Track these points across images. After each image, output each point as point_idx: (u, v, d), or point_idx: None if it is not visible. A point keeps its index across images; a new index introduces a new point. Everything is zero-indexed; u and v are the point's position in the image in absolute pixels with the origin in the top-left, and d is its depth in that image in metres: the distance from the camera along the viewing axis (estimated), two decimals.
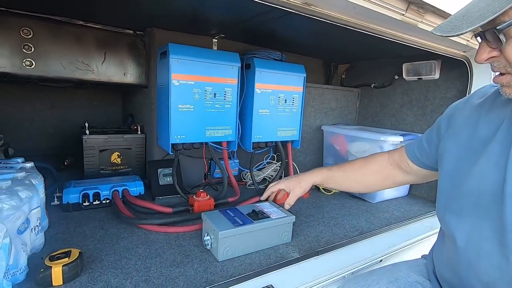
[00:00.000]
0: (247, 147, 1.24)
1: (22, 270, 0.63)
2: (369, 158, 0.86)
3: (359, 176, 0.85)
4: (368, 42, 1.20)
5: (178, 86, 1.01)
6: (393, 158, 0.81)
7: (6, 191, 0.64)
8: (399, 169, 0.81)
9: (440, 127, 0.68)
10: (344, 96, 1.66)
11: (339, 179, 0.87)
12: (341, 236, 0.95)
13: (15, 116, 1.58)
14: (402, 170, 0.80)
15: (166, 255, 0.78)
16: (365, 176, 0.85)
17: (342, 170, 0.87)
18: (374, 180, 0.85)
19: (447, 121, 0.66)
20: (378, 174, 0.83)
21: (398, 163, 0.80)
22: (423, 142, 0.72)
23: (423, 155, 0.73)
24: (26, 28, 1.02)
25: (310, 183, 0.88)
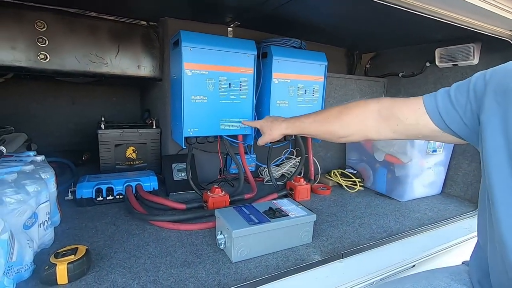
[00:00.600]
0: None
1: (27, 267, 0.60)
2: (351, 105, 0.71)
3: (335, 127, 0.73)
4: (397, 25, 1.10)
5: (191, 76, 0.96)
6: (390, 111, 0.64)
7: (12, 184, 0.62)
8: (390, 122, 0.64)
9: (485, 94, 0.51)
10: (368, 86, 1.54)
11: (314, 130, 0.78)
12: (367, 238, 0.87)
13: (39, 113, 1.61)
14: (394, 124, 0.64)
15: (177, 254, 0.73)
16: (343, 127, 0.72)
17: (317, 121, 0.77)
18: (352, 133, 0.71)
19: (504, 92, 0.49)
20: (360, 126, 0.69)
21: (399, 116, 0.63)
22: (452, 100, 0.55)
23: (452, 118, 0.56)
24: (40, 21, 1.01)
25: (280, 134, 0.88)
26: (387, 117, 0.64)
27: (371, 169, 1.31)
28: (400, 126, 0.63)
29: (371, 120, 0.67)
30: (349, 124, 0.70)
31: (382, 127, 0.66)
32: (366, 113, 0.68)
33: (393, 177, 1.20)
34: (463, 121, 0.54)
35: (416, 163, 1.16)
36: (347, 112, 0.71)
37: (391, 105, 0.65)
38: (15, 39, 0.99)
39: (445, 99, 0.56)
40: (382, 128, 0.66)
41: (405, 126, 0.62)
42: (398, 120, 0.63)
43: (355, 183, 1.29)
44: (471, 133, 0.55)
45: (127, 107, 1.84)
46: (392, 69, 1.57)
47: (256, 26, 1.24)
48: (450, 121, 0.56)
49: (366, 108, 0.68)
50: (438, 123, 0.57)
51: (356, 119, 0.69)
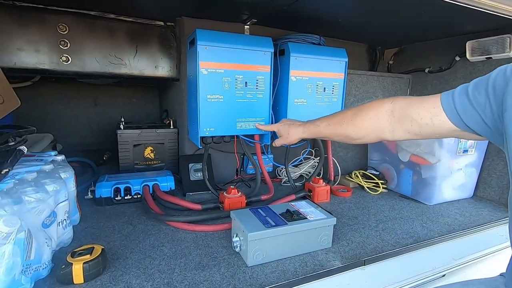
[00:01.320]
0: None
1: (45, 266, 0.61)
2: (364, 107, 0.70)
3: (349, 130, 0.72)
4: (424, 17, 1.03)
5: (207, 75, 0.95)
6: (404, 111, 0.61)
7: (32, 183, 0.63)
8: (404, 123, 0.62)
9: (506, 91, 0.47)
10: (392, 83, 1.47)
11: (329, 134, 0.78)
12: (392, 243, 0.81)
13: (64, 114, 1.67)
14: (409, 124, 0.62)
15: (192, 256, 0.72)
16: (356, 129, 0.70)
17: (332, 124, 0.77)
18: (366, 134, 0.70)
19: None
20: (374, 127, 0.67)
21: (413, 116, 0.60)
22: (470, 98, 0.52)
23: (471, 117, 0.53)
24: (62, 24, 1.04)
25: (297, 138, 0.88)
26: (401, 118, 0.62)
27: (395, 170, 1.24)
28: (415, 126, 0.60)
29: (385, 121, 0.65)
30: (362, 126, 0.69)
31: (396, 127, 0.64)
32: (379, 114, 0.66)
33: (419, 179, 1.13)
34: (483, 120, 0.51)
35: (444, 164, 1.08)
36: (360, 114, 0.70)
37: (405, 104, 0.62)
38: (38, 43, 1.02)
39: (463, 97, 0.53)
40: (396, 129, 0.64)
41: (420, 126, 0.60)
42: (412, 120, 0.60)
43: (377, 185, 1.23)
44: (493, 133, 0.51)
45: (147, 107, 1.87)
46: (418, 64, 1.49)
47: (273, 23, 1.21)
48: (469, 120, 0.53)
49: (379, 109, 0.66)
50: (456, 122, 0.54)
51: (369, 120, 0.68)
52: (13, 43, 0.99)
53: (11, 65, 0.99)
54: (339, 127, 0.74)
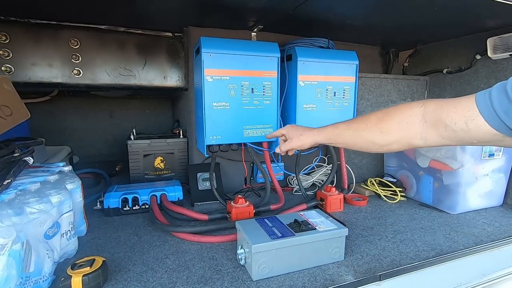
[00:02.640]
0: None
1: (45, 278, 0.60)
2: (391, 110, 0.63)
3: (374, 134, 0.64)
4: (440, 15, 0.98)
5: (212, 83, 0.94)
6: (435, 115, 0.55)
7: (34, 194, 0.63)
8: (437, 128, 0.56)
9: None
10: (407, 86, 1.40)
11: (349, 139, 0.69)
12: (411, 256, 0.75)
13: (81, 127, 1.72)
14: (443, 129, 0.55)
15: (195, 269, 0.69)
16: (383, 134, 0.63)
17: (353, 128, 0.68)
18: (394, 141, 0.62)
19: None
20: (403, 132, 0.60)
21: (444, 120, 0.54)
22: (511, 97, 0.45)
23: None
24: (74, 39, 1.07)
25: (311, 141, 0.76)
26: (433, 122, 0.56)
27: (414, 177, 1.16)
28: (449, 131, 0.53)
29: (416, 126, 0.58)
30: (390, 131, 0.62)
31: (428, 133, 0.57)
32: (410, 118, 0.59)
33: (441, 186, 1.05)
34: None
35: (468, 170, 1.00)
36: (387, 118, 0.62)
37: (436, 108, 0.56)
38: (52, 57, 1.05)
39: (502, 96, 0.46)
40: (428, 135, 0.57)
41: (454, 132, 0.53)
42: (445, 125, 0.54)
43: (395, 192, 1.16)
44: None
45: (160, 118, 1.90)
46: (435, 65, 1.42)
47: (280, 28, 1.20)
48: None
49: (409, 113, 0.60)
50: (496, 125, 0.47)
51: (398, 125, 0.61)
52: (28, 58, 1.03)
53: (26, 80, 1.03)
54: (361, 131, 0.66)
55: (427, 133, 0.57)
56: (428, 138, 0.58)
